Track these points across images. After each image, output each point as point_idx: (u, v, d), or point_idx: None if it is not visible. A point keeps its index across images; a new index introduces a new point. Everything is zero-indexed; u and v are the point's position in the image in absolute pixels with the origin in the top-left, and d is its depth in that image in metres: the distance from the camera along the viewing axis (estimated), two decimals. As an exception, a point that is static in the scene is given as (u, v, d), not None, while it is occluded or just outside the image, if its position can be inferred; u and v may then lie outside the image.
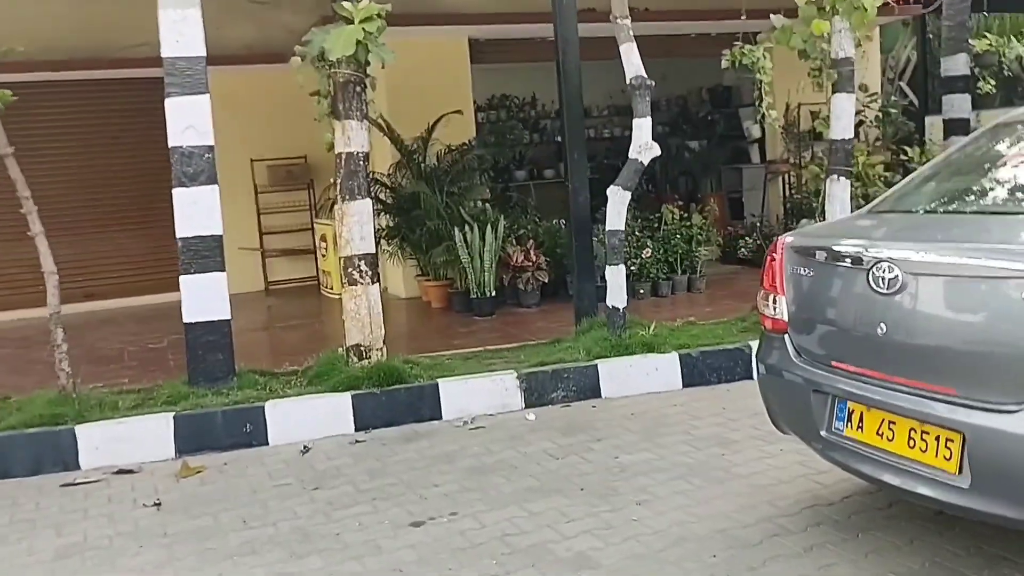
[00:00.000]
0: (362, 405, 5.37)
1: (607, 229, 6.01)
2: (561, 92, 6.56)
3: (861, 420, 3.07)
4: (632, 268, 8.40)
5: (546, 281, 8.37)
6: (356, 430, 5.35)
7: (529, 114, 14.51)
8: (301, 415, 5.30)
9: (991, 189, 3.43)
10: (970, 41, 8.78)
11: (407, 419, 5.43)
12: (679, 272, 8.62)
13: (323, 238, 10.31)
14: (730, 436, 4.78)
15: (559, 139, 14.69)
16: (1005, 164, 3.51)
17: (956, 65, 11.79)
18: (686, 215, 9.17)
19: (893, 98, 11.74)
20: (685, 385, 5.78)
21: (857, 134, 11.74)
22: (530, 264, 8.30)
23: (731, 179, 13.03)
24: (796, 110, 11.17)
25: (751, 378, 5.79)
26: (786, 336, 3.42)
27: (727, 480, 4.16)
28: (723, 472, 4.26)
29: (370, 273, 5.60)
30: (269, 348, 7.71)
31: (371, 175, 9.12)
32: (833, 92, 6.27)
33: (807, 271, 3.32)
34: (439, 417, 5.48)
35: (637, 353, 5.81)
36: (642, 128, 5.87)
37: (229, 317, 5.60)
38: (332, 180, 5.63)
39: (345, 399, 5.37)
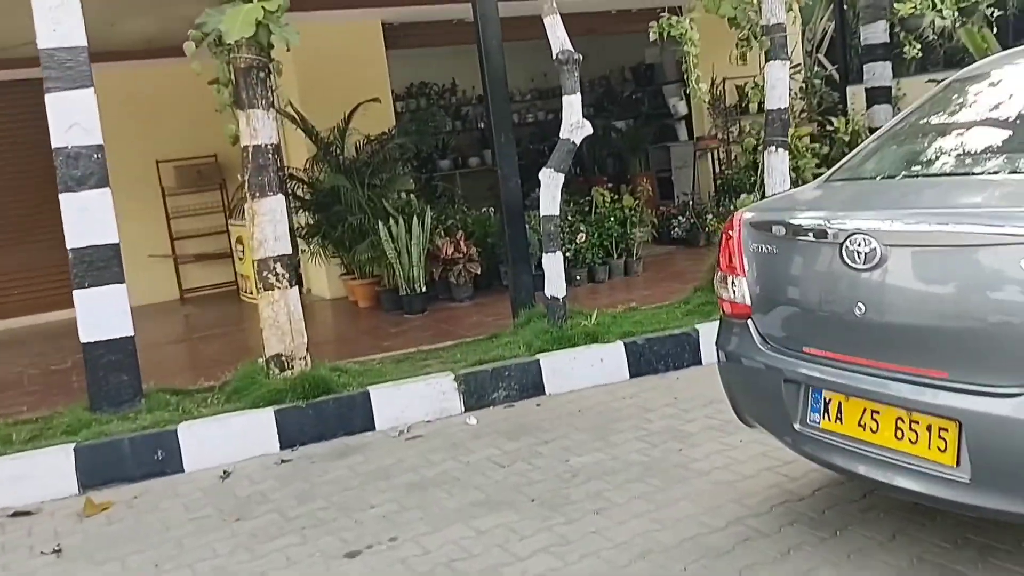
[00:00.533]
0: (286, 421, 4.92)
1: (541, 215, 5.65)
2: (484, 73, 6.17)
3: (840, 411, 2.76)
4: (567, 254, 8.07)
5: (478, 273, 7.99)
6: (281, 448, 4.90)
7: (450, 101, 14.07)
8: (219, 436, 4.82)
9: (958, 150, 3.15)
10: (894, 5, 8.69)
11: (337, 432, 4.99)
12: (615, 256, 8.32)
13: (239, 240, 9.74)
14: (685, 429, 4.47)
15: (482, 126, 14.38)
16: (969, 123, 3.24)
17: (875, 33, 11.74)
18: (617, 197, 8.90)
19: (817, 69, 11.63)
20: (632, 375, 5.47)
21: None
22: (460, 256, 7.91)
23: (659, 158, 12.81)
24: (721, 84, 11.00)
25: (700, 364, 5.56)
26: (749, 321, 3.10)
27: (688, 479, 3.84)
28: (683, 470, 3.95)
29: (287, 276, 5.14)
30: (184, 362, 7.15)
31: (286, 170, 8.66)
32: (766, 61, 6.01)
33: (770, 248, 3.00)
34: (372, 428, 5.06)
35: (580, 344, 5.48)
36: (572, 106, 5.52)
37: (132, 333, 5.07)
38: (239, 177, 5.13)
39: (267, 415, 4.91)
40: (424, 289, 7.74)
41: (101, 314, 4.95)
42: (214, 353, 7.20)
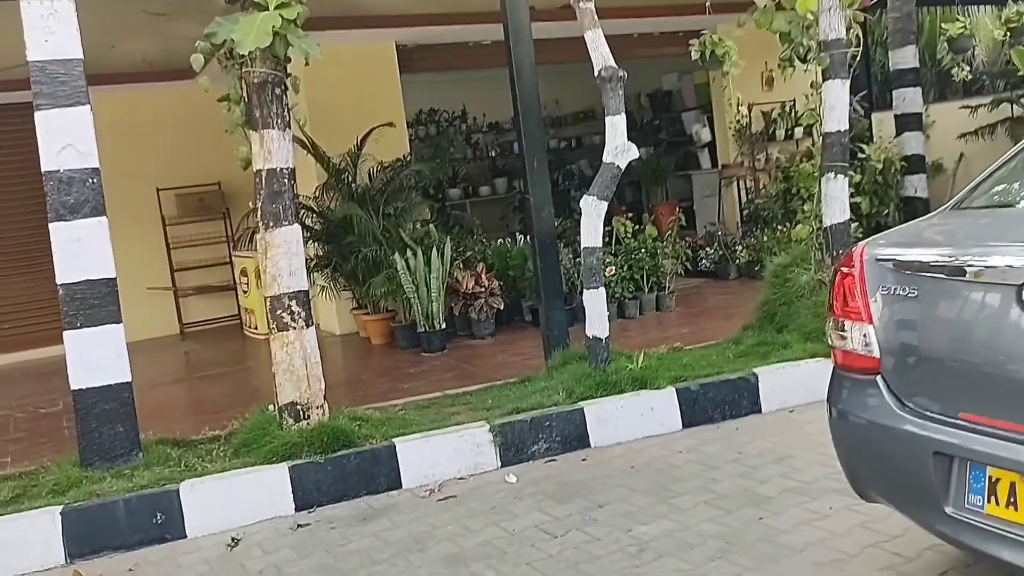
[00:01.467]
0: (303, 478, 4.35)
1: (583, 247, 5.12)
2: (516, 93, 5.67)
3: (1013, 494, 2.21)
4: (596, 288, 7.55)
5: (501, 308, 7.45)
6: (297, 510, 4.33)
7: (460, 128, 13.65)
8: (226, 497, 4.25)
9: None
10: (943, 25, 8.29)
11: (359, 492, 4.43)
12: (646, 290, 7.79)
13: (243, 272, 9.21)
14: (761, 492, 3.91)
15: (493, 154, 13.97)
16: None
17: (905, 58, 11.33)
18: (640, 227, 8.41)
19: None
20: (685, 425, 4.91)
21: (811, 133, 11.24)
22: (482, 290, 7.38)
23: (679, 187, 12.34)
24: (747, 111, 10.54)
25: (760, 412, 5.02)
26: (878, 377, 2.56)
27: (780, 557, 3.27)
28: (770, 545, 3.38)
29: (303, 314, 4.60)
30: (186, 407, 6.57)
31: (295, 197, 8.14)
32: (823, 79, 5.52)
33: (907, 290, 2.47)
34: (399, 486, 4.49)
35: (627, 391, 4.93)
36: (616, 127, 5.01)
37: (129, 379, 4.52)
38: (251, 204, 4.60)
39: (281, 472, 4.34)
40: (443, 325, 7.20)
41: (94, 357, 4.40)
42: (218, 395, 6.64)
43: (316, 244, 7.97)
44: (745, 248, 9.32)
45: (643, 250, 7.76)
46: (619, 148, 4.99)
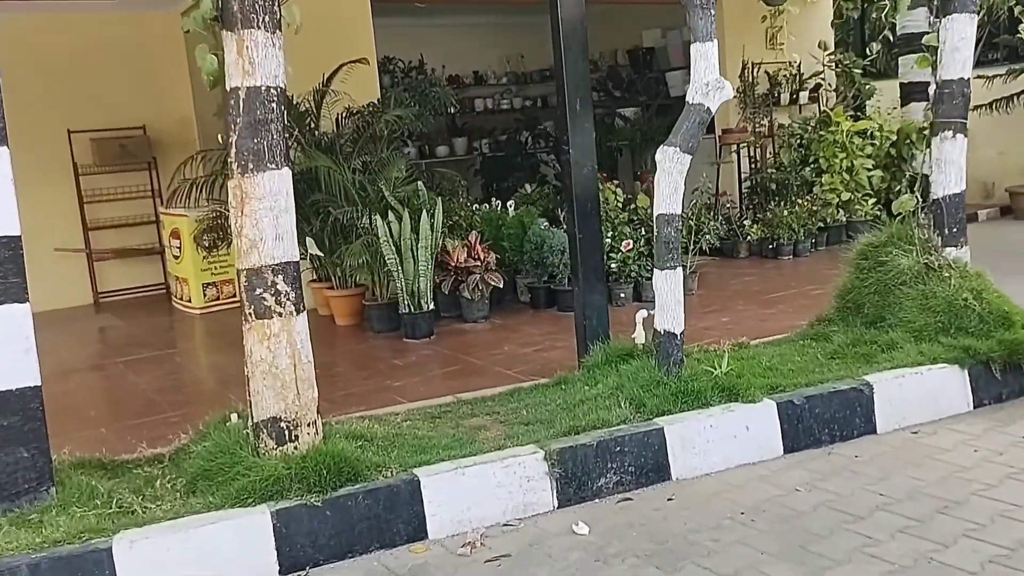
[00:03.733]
0: (292, 528, 3.08)
1: (657, 213, 3.92)
2: (556, 18, 4.42)
3: None
4: (611, 266, 6.39)
5: (500, 286, 6.22)
6: (283, 574, 3.06)
7: (416, 79, 12.26)
8: (179, 556, 2.95)
9: None
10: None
11: (370, 545, 3.18)
12: (664, 269, 6.63)
13: (175, 234, 7.74)
14: (951, 562, 2.80)
15: (453, 111, 12.64)
16: None
17: (916, 21, 10.42)
18: (630, 196, 7.33)
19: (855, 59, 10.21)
20: (787, 450, 3.80)
21: (816, 98, 10.26)
22: (477, 264, 6.12)
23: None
24: (752, 70, 9.49)
25: (875, 432, 3.93)
26: None
27: None
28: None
29: (293, 296, 3.29)
30: (108, 407, 5.12)
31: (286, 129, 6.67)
32: (943, 14, 4.43)
33: None
34: (423, 535, 3.25)
35: (714, 403, 3.77)
36: (707, 57, 3.81)
37: (38, 382, 3.16)
38: (220, 138, 3.26)
39: (260, 519, 3.06)
40: (432, 306, 5.93)
41: (-13, 352, 3.03)
42: (151, 389, 5.24)
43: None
44: (756, 223, 8.28)
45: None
46: (711, 85, 3.79)
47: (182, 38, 8.23)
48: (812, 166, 8.60)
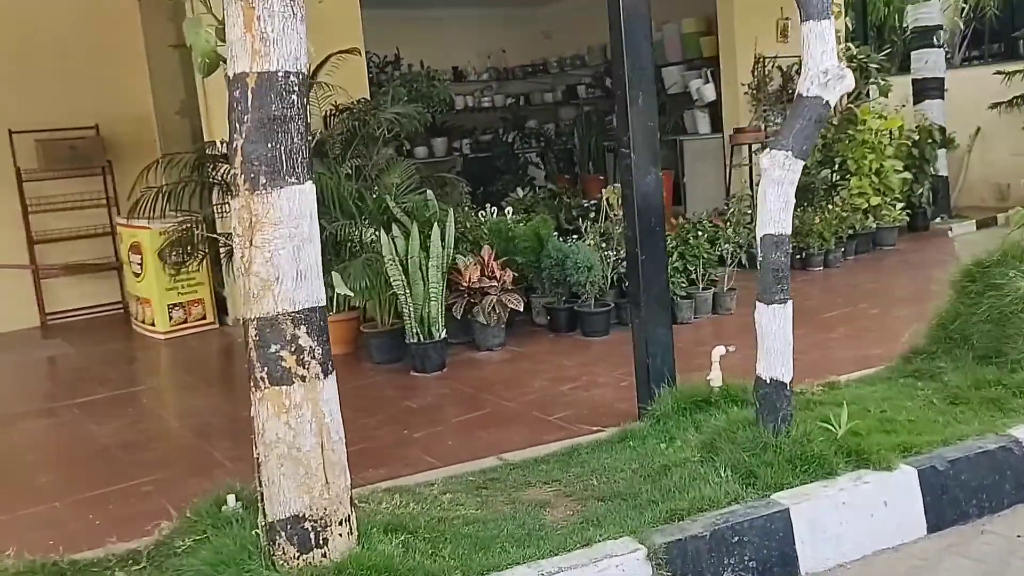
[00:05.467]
0: (328, 677, 2.26)
1: (763, 234, 3.15)
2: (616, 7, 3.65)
3: None
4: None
5: (520, 309, 5.41)
6: None
7: (392, 75, 11.43)
8: None
9: None
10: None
11: None
12: (700, 286, 5.90)
13: (135, 248, 6.79)
14: None
15: (432, 109, 11.81)
16: None
17: (928, 14, 9.86)
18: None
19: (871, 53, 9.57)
20: (931, 528, 3.05)
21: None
22: (493, 284, 5.31)
23: (664, 155, 10.49)
24: (762, 65, 8.80)
25: (1023, 500, 3.19)
26: None
27: None
28: None
29: (320, 353, 2.46)
30: (61, 470, 4.15)
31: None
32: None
33: None
34: (499, 672, 2.45)
35: (841, 471, 3.02)
36: (824, 39, 3.05)
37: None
38: (219, 141, 2.43)
39: (285, 667, 2.23)
40: (444, 334, 5.11)
41: None
42: (115, 443, 4.33)
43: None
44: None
45: (700, 232, 5.87)
46: (829, 73, 3.03)
47: (139, 20, 7.28)
48: (836, 168, 7.92)
